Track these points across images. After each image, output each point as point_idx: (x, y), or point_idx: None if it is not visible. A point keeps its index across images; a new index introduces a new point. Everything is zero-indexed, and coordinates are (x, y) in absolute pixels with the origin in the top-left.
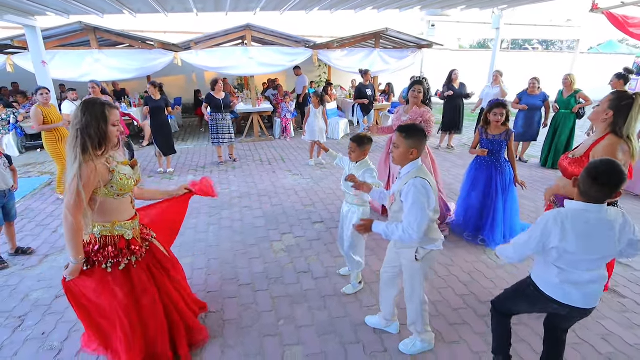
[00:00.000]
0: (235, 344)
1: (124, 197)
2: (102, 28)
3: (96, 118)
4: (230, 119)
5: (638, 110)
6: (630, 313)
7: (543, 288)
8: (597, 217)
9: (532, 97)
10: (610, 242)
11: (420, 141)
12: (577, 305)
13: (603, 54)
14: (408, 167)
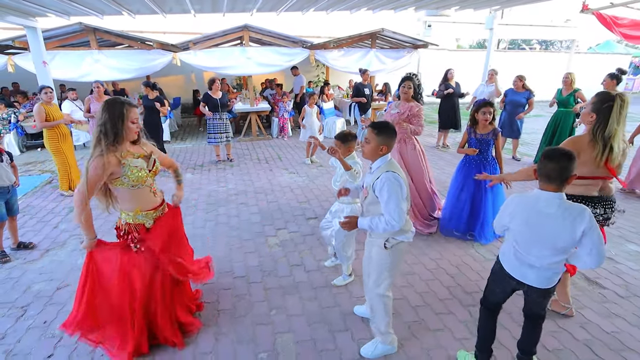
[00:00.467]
0: (228, 331)
1: (140, 187)
2: (102, 29)
3: (114, 116)
4: (228, 119)
5: (618, 111)
6: (609, 303)
7: (504, 264)
8: (549, 209)
9: (516, 94)
10: (560, 236)
11: (390, 138)
12: (532, 284)
13: (600, 54)
14: (378, 161)
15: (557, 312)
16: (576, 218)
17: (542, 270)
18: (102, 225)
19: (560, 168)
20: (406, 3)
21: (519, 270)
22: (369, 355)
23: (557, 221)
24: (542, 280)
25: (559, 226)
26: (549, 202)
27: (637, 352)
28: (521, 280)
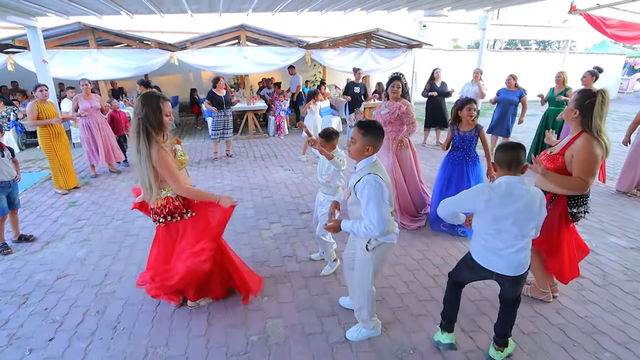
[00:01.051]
0: (221, 316)
1: (181, 170)
2: (101, 28)
3: (154, 109)
4: (231, 116)
5: (600, 107)
6: (585, 291)
7: (474, 257)
8: (514, 188)
9: (509, 93)
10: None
11: (377, 139)
12: (502, 272)
13: (595, 54)
14: (363, 162)
15: (536, 297)
16: (536, 197)
17: (511, 257)
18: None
19: (517, 155)
20: (399, 3)
21: (489, 260)
22: (353, 339)
23: (527, 201)
24: (511, 268)
25: (529, 206)
26: (518, 185)
27: (607, 335)
28: (491, 269)
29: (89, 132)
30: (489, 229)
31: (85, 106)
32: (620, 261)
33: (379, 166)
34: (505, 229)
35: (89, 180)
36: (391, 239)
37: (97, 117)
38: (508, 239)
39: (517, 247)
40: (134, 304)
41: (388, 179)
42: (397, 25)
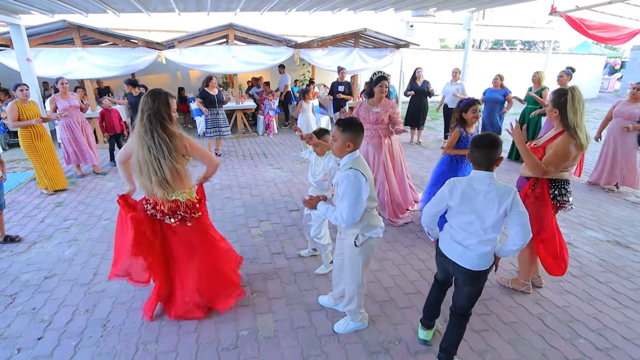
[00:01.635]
0: (211, 313)
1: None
2: (86, 26)
3: (164, 104)
4: (225, 114)
5: (572, 102)
6: (564, 282)
7: (440, 245)
8: (481, 186)
9: (495, 92)
10: (489, 212)
11: (356, 135)
12: (457, 262)
13: (577, 54)
14: (346, 158)
15: (516, 289)
16: (503, 195)
17: (468, 248)
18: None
19: (486, 154)
20: (386, 4)
21: (450, 248)
22: (341, 331)
23: (487, 196)
24: (468, 260)
25: (488, 201)
26: (481, 180)
27: (583, 323)
28: (450, 257)
29: (70, 132)
30: (453, 220)
31: (64, 105)
32: (597, 253)
33: (361, 162)
34: (467, 220)
35: (76, 180)
36: (377, 233)
37: (78, 116)
38: (469, 231)
39: (477, 241)
40: (124, 302)
41: (370, 175)
42: (385, 25)
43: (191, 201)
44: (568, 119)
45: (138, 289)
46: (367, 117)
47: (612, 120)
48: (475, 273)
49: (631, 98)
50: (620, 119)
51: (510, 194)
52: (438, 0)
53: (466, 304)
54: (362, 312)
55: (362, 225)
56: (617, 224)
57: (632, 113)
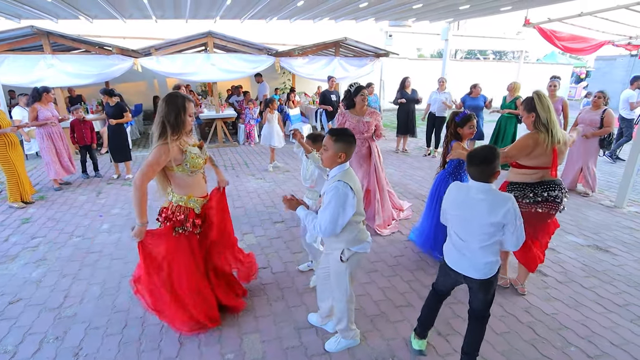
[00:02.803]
0: (194, 336)
1: (196, 174)
2: (56, 33)
3: (177, 109)
4: (195, 125)
5: (540, 102)
6: (550, 289)
7: (446, 259)
8: (479, 195)
9: (474, 100)
10: (486, 220)
11: (348, 145)
12: (469, 275)
13: (546, 64)
14: (335, 170)
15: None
16: (499, 203)
17: (474, 259)
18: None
19: (482, 170)
20: (366, 14)
21: (457, 262)
22: (332, 350)
23: (484, 205)
24: (477, 271)
25: (485, 209)
26: (478, 190)
27: (572, 330)
28: (459, 271)
29: (51, 142)
30: (455, 229)
31: (47, 115)
32: (579, 258)
33: (351, 174)
34: (466, 228)
35: (45, 194)
36: (364, 248)
37: (58, 126)
38: (471, 239)
39: (478, 248)
40: (98, 327)
41: (359, 188)
42: (365, 34)
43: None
44: (541, 118)
45: (114, 312)
46: (357, 127)
47: (578, 126)
48: (487, 280)
49: (593, 106)
50: (583, 125)
51: (507, 204)
52: (417, 11)
53: (483, 307)
54: (353, 329)
55: (348, 240)
56: (595, 228)
57: (592, 119)
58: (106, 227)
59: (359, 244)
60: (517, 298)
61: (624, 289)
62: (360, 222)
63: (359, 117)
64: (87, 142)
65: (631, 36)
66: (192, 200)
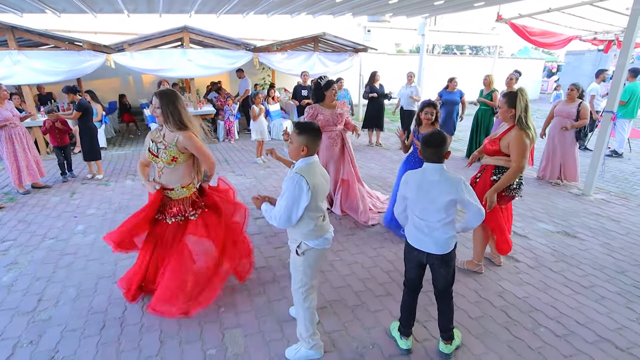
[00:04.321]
0: (175, 333)
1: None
2: (21, 27)
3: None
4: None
5: (521, 101)
6: (522, 274)
7: (408, 239)
8: (434, 176)
9: (451, 94)
10: (443, 199)
11: (312, 139)
12: (431, 251)
13: (519, 58)
14: (300, 162)
15: (470, 270)
16: (453, 182)
17: (436, 235)
18: None
19: (436, 151)
20: (344, 9)
21: (419, 240)
22: (291, 357)
23: (439, 186)
24: (438, 246)
25: (441, 189)
26: (433, 171)
27: (542, 312)
28: (421, 249)
29: (11, 145)
30: (415, 210)
31: (5, 115)
32: (549, 244)
33: (312, 169)
34: (424, 209)
35: (15, 196)
36: (321, 244)
37: (19, 127)
38: (430, 218)
39: (439, 226)
40: (75, 330)
41: (318, 183)
42: (344, 30)
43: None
44: (520, 114)
45: (91, 313)
46: (330, 120)
47: (554, 119)
48: (447, 255)
49: (568, 98)
50: (560, 117)
51: (460, 185)
52: (394, 6)
53: (446, 284)
54: (314, 339)
55: (304, 233)
56: (564, 215)
57: (569, 112)
58: (81, 228)
59: (316, 239)
60: (491, 284)
61: (590, 271)
62: (318, 217)
63: (332, 109)
64: (64, 143)
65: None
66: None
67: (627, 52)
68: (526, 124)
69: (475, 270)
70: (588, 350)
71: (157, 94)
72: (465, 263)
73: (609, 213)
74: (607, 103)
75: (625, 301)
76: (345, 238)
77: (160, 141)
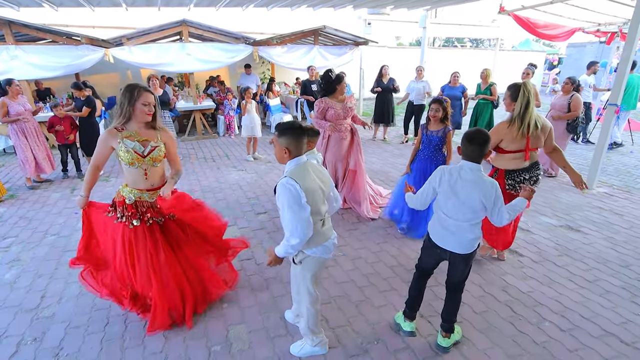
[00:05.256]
0: (179, 330)
1: (134, 168)
2: (19, 22)
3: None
4: (170, 117)
5: (523, 96)
6: (526, 268)
7: (431, 235)
8: (469, 175)
9: (453, 89)
10: (474, 200)
11: (293, 140)
12: (454, 250)
13: (520, 51)
14: (288, 165)
15: (483, 255)
16: (488, 186)
17: (461, 235)
18: None
19: (479, 149)
20: (344, 1)
21: (443, 238)
22: (296, 353)
23: (474, 186)
24: (462, 246)
25: (473, 190)
26: (470, 170)
27: (546, 306)
28: (444, 247)
29: (25, 139)
30: (444, 207)
31: (18, 109)
32: (552, 238)
33: (304, 171)
34: (455, 208)
35: (15, 192)
36: (319, 252)
37: (32, 121)
38: (458, 218)
39: (467, 226)
40: (79, 326)
41: (313, 186)
42: (344, 23)
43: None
44: (518, 109)
45: (94, 310)
46: (340, 114)
47: (549, 111)
48: (469, 254)
49: (563, 91)
50: (554, 109)
51: (494, 189)
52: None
53: (461, 278)
54: (318, 336)
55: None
56: (567, 209)
57: (562, 104)
58: None
59: (314, 247)
60: (495, 278)
61: (594, 265)
62: (316, 221)
63: (342, 103)
64: (70, 142)
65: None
66: (126, 190)
67: (632, 45)
68: (519, 116)
69: (488, 254)
70: (593, 345)
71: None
72: (480, 249)
73: (612, 206)
74: (610, 95)
75: (629, 295)
76: (348, 233)
77: (144, 140)
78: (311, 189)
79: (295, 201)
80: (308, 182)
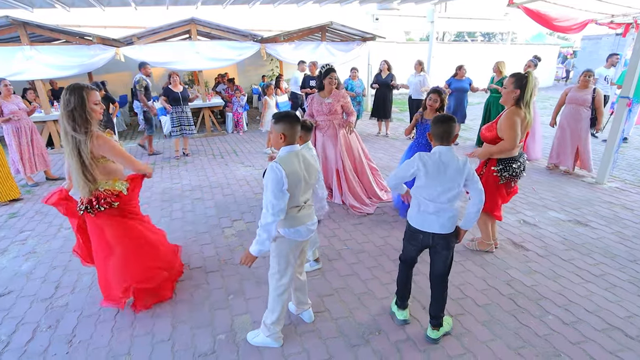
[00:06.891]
0: (186, 319)
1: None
2: (33, 23)
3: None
4: (190, 112)
5: (530, 84)
6: (531, 262)
7: (411, 222)
8: (444, 156)
9: (459, 82)
10: (454, 177)
11: (289, 127)
12: (435, 231)
13: (533, 44)
14: (281, 151)
15: (482, 250)
16: (464, 165)
17: (442, 215)
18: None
19: (446, 130)
20: None
21: (423, 222)
22: (249, 340)
23: (454, 168)
24: (442, 226)
25: (455, 172)
26: (446, 153)
27: (550, 300)
28: (426, 230)
29: (17, 138)
30: (423, 193)
31: (12, 109)
32: (560, 233)
33: (290, 158)
34: (436, 192)
35: (30, 188)
36: (290, 234)
37: (27, 120)
38: (438, 201)
39: (446, 207)
40: (90, 315)
41: (295, 171)
42: (351, 18)
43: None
44: (524, 97)
45: None
46: (320, 109)
47: (566, 106)
48: (450, 235)
49: (581, 85)
50: (574, 105)
51: (467, 164)
52: None
53: (445, 269)
54: (274, 329)
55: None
56: (576, 204)
57: (585, 99)
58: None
59: (288, 227)
60: (499, 272)
61: (601, 260)
62: (292, 207)
63: (322, 99)
64: None
65: (613, 14)
66: (118, 184)
67: None
68: (525, 104)
69: (487, 250)
70: (596, 338)
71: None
72: (478, 244)
73: (623, 201)
74: (623, 88)
75: (636, 289)
76: (353, 227)
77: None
78: (292, 175)
79: (277, 186)
80: (291, 167)
